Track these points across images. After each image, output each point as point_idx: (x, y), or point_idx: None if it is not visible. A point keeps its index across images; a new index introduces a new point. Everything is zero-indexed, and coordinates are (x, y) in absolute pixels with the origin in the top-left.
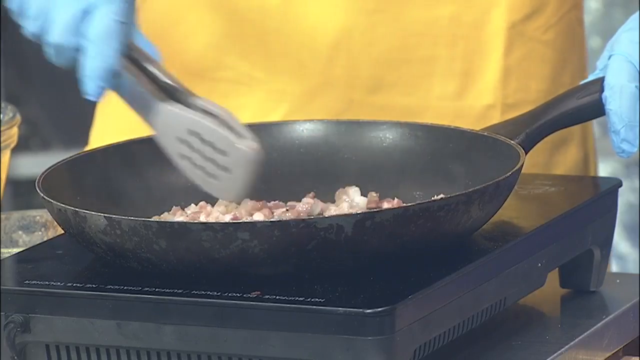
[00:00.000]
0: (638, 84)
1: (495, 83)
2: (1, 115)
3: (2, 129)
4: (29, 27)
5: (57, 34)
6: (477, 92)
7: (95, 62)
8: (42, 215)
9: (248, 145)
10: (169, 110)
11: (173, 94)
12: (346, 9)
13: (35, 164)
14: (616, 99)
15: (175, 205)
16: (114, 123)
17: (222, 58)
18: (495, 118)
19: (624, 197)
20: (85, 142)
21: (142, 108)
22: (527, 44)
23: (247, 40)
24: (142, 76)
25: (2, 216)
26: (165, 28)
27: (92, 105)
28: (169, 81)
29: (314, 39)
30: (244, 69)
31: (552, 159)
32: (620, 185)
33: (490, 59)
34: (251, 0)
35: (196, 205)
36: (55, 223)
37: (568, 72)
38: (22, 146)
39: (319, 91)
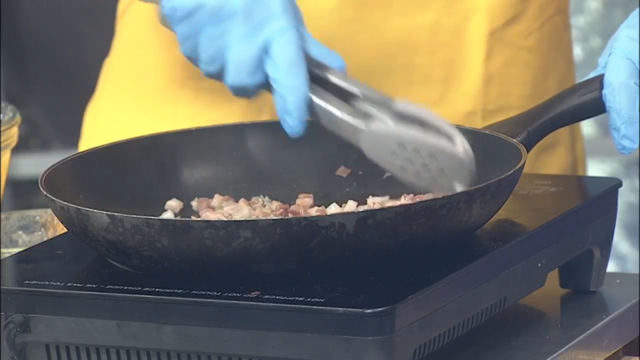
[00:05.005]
0: (637, 81)
1: (476, 90)
2: (1, 115)
3: (2, 129)
4: (205, 69)
5: (236, 76)
6: (457, 99)
7: (289, 97)
8: (42, 215)
9: (460, 150)
10: (373, 132)
11: (368, 103)
12: (327, 19)
13: (35, 164)
14: (615, 96)
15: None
16: (102, 129)
17: None
18: (476, 124)
19: (624, 197)
20: None
21: (345, 132)
22: (508, 49)
23: None
24: (332, 97)
25: (2, 216)
26: (147, 37)
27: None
28: (359, 90)
29: None
30: None
31: (536, 162)
32: (620, 185)
33: (470, 65)
34: None
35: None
36: (55, 223)
37: (553, 77)
38: (22, 146)
39: None
